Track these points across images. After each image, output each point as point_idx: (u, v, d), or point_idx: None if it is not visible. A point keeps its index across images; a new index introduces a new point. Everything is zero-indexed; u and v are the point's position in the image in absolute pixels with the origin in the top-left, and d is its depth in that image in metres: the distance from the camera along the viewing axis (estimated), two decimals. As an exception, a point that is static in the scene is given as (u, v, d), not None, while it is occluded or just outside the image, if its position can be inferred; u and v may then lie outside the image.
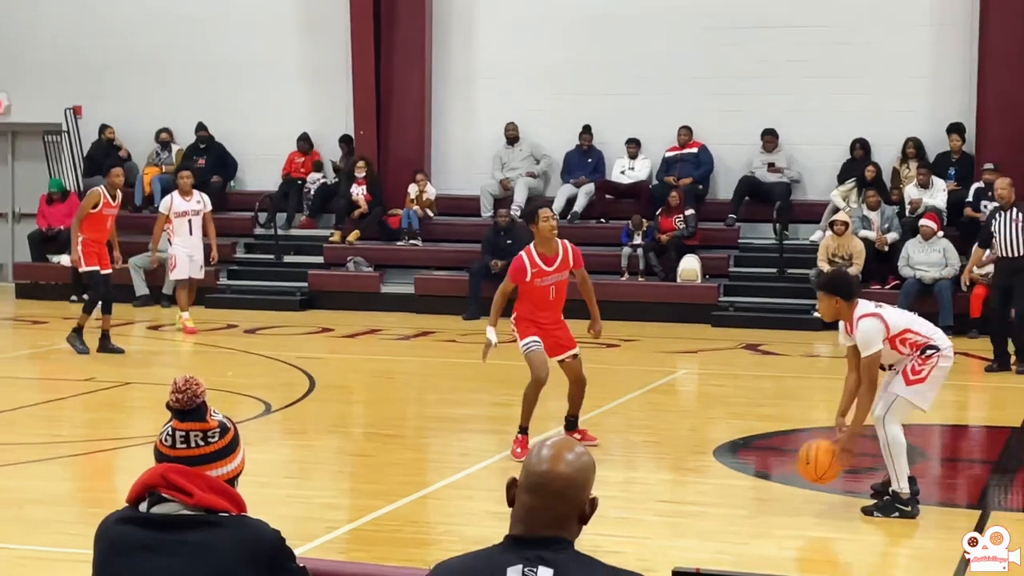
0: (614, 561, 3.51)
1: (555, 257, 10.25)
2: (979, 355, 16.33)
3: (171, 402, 3.82)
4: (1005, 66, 19.69)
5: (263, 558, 3.71)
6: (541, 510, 3.46)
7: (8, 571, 7.48)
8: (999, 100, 19.77)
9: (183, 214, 17.73)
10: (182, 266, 17.82)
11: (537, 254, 10.20)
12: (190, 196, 17.84)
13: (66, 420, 12.35)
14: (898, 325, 8.66)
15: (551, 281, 10.24)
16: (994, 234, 15.25)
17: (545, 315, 10.31)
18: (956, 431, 12.85)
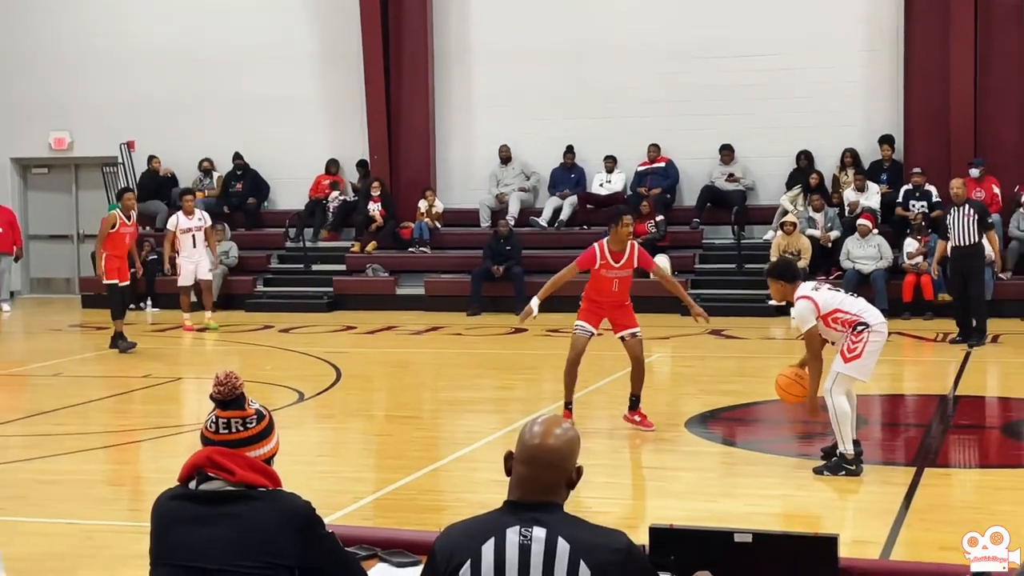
0: (600, 520, 3.52)
1: (622, 255, 10.25)
2: (913, 334, 16.37)
3: (214, 394, 3.83)
4: (928, 84, 19.72)
5: (296, 525, 3.71)
6: (534, 478, 3.46)
7: (80, 544, 7.47)
8: (923, 114, 19.81)
9: (187, 231, 18.01)
10: (186, 275, 18.06)
11: (609, 250, 10.22)
12: (192, 215, 18.04)
13: (128, 411, 12.35)
14: (828, 305, 8.56)
15: (615, 275, 10.27)
16: (948, 227, 15.24)
17: (607, 299, 10.37)
18: (894, 399, 12.84)
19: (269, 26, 22.34)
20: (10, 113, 23.56)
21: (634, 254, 10.29)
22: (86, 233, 23.00)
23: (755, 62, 20.44)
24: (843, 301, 8.65)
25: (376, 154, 21.88)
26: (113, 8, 23.00)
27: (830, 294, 8.74)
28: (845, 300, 8.69)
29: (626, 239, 10.23)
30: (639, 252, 10.37)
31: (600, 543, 3.38)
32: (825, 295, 8.68)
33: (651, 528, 3.99)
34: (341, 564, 3.81)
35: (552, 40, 21.18)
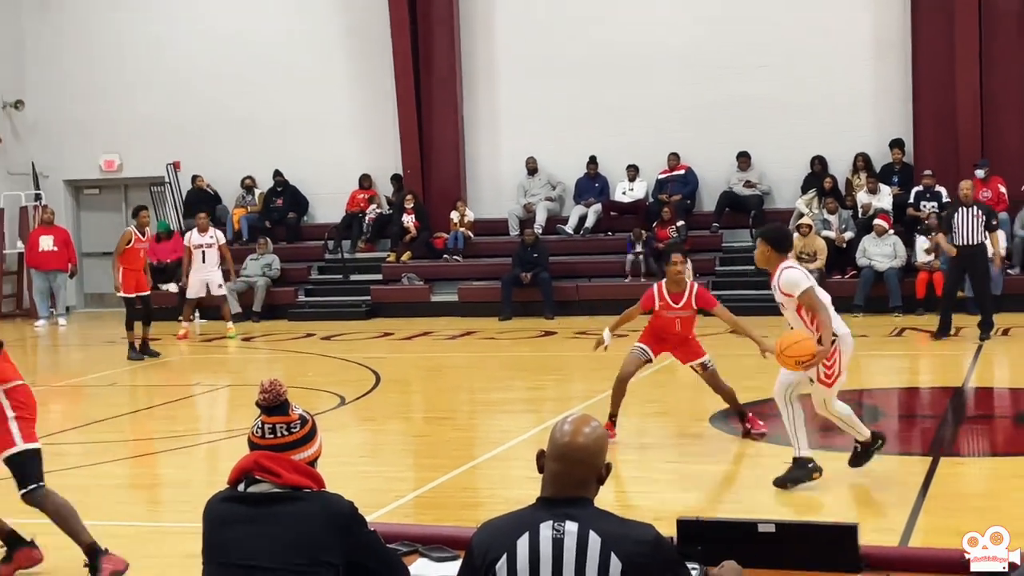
0: (629, 514, 3.52)
1: (681, 296, 9.87)
2: (928, 329, 16.27)
3: (259, 401, 3.85)
4: (935, 89, 19.63)
5: (341, 524, 3.73)
6: (565, 475, 3.47)
7: (139, 544, 7.51)
8: (932, 117, 19.72)
9: (198, 246, 18.25)
10: (193, 287, 18.47)
11: (667, 291, 9.91)
12: (205, 232, 18.26)
13: (179, 418, 12.40)
14: None
15: (675, 315, 9.91)
16: (954, 227, 15.14)
17: (669, 335, 10.04)
18: (910, 392, 12.79)
19: (305, 50, 22.42)
20: (63, 137, 23.73)
21: (692, 295, 9.92)
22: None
23: (769, 72, 20.41)
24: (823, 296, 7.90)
25: (409, 168, 21.93)
26: (159, 35, 23.13)
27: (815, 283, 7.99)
28: (825, 298, 7.93)
29: (677, 279, 9.85)
30: (698, 292, 9.98)
31: (630, 535, 3.38)
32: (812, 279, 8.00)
33: (678, 520, 3.98)
34: (383, 560, 3.82)
35: (574, 55, 21.19)
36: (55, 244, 21.48)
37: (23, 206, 23.49)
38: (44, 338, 20.57)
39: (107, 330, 17.29)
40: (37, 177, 23.81)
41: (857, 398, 12.27)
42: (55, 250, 21.42)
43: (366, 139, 22.47)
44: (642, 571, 3.34)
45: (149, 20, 23.25)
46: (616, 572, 3.33)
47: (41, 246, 21.48)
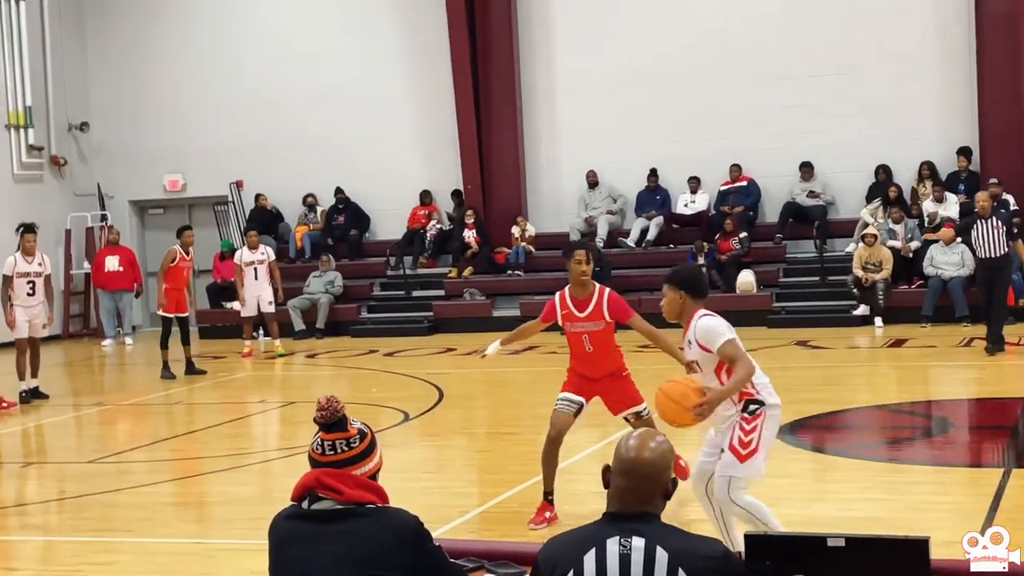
0: (695, 529, 3.50)
1: (587, 302, 8.07)
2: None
3: (317, 418, 3.86)
4: (1001, 95, 19.39)
5: (406, 539, 3.72)
6: (631, 490, 3.45)
7: (204, 562, 7.57)
8: (998, 124, 19.47)
9: (249, 263, 18.31)
10: (249, 306, 18.41)
11: (569, 296, 8.14)
12: (256, 249, 18.35)
13: (244, 435, 12.49)
14: None
15: (581, 329, 8.06)
16: (975, 240, 14.89)
17: (587, 368, 8.21)
18: (979, 403, 12.61)
19: (366, 67, 22.56)
20: (128, 159, 24.03)
21: (603, 302, 8.09)
22: (200, 269, 23.35)
23: (831, 80, 20.27)
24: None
25: (470, 184, 21.99)
26: (221, 57, 23.38)
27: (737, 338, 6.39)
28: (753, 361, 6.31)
29: (580, 279, 8.02)
30: (610, 300, 8.12)
31: (698, 551, 3.36)
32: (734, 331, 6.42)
33: (746, 535, 3.94)
34: (449, 574, 3.82)
35: (633, 67, 21.14)
36: (121, 264, 21.74)
37: (89, 227, 23.81)
38: (111, 357, 20.82)
39: (171, 349, 17.42)
40: (103, 198, 24.14)
41: (926, 410, 12.14)
42: (121, 270, 21.68)
43: (427, 155, 22.56)
44: (710, 587, 3.32)
45: (211, 42, 23.50)
46: (684, 588, 3.30)
47: (107, 266, 21.75)
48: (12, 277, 14.55)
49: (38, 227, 15.34)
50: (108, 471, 10.63)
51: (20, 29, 22.61)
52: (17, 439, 12.97)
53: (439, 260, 22.09)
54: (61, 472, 10.98)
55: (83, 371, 19.61)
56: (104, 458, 11.30)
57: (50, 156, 23.59)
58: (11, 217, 17.64)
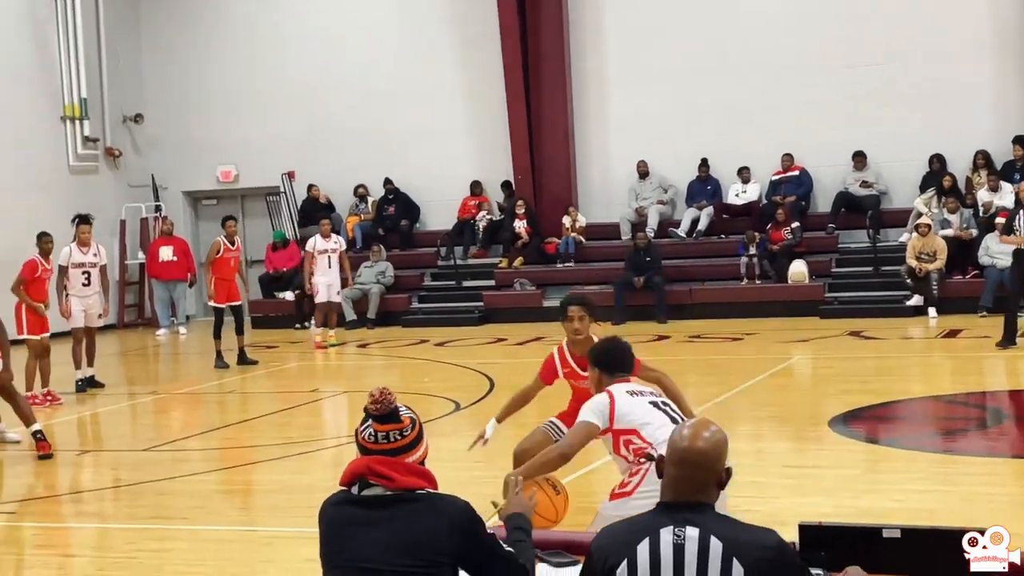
0: (749, 519, 3.47)
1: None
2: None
3: (371, 410, 3.87)
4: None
5: (458, 525, 3.73)
6: (685, 480, 3.44)
7: (257, 550, 7.62)
8: (1054, 113, 19.22)
9: (323, 252, 18.28)
10: (321, 293, 18.39)
11: (570, 354, 7.42)
12: (329, 238, 18.40)
13: (297, 424, 12.55)
14: (630, 420, 5.78)
15: (587, 385, 6.63)
16: (1016, 230, 14.66)
17: None
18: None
19: (416, 58, 22.59)
20: (182, 150, 24.22)
21: None
22: (253, 259, 23.51)
23: (884, 69, 20.08)
24: (651, 424, 5.79)
25: (520, 174, 21.97)
26: (272, 48, 23.50)
27: (643, 409, 5.86)
28: (654, 423, 5.79)
29: (575, 337, 7.32)
30: None
31: (752, 541, 3.34)
32: (634, 406, 5.85)
33: (801, 525, 3.92)
34: (501, 561, 3.82)
35: (684, 57, 21.05)
36: (175, 254, 21.91)
37: (143, 217, 24.03)
38: (165, 347, 21.01)
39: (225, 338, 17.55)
40: (157, 189, 24.34)
41: (981, 400, 12.02)
42: (175, 260, 21.85)
43: (477, 146, 22.57)
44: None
45: (264, 33, 23.62)
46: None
47: (161, 256, 21.94)
48: (68, 268, 14.70)
49: (93, 218, 15.50)
50: (162, 459, 10.73)
51: (75, 22, 22.82)
52: (73, 427, 13.11)
53: (490, 250, 22.10)
54: (116, 460, 11.09)
55: (138, 360, 19.80)
56: (158, 446, 11.41)
57: (105, 148, 23.81)
58: (67, 208, 17.81)
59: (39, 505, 9.46)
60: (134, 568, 7.26)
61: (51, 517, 9.03)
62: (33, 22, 22.39)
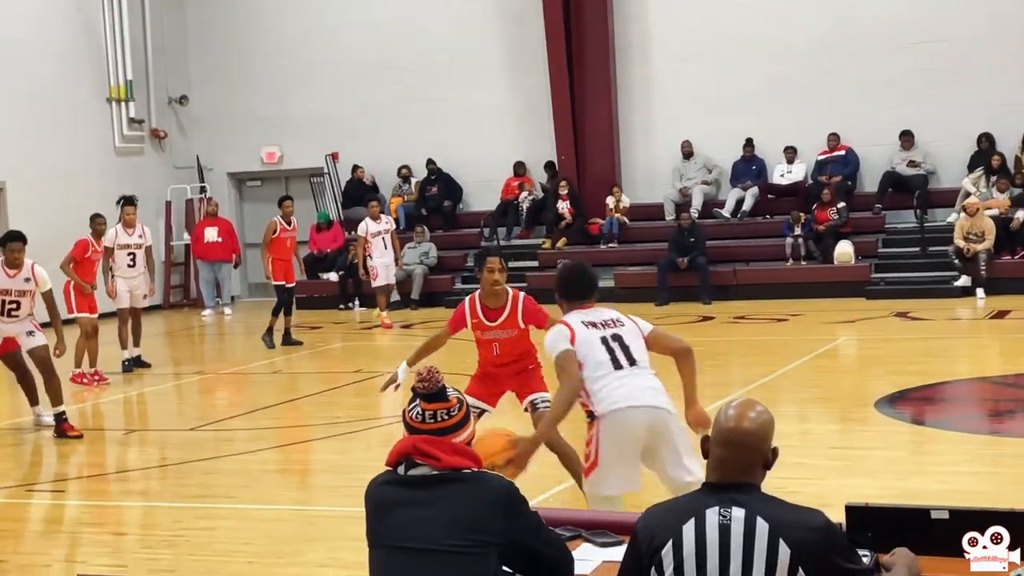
0: (795, 500, 3.46)
1: (500, 312, 7.57)
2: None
3: (418, 388, 3.89)
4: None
5: (502, 504, 3.74)
6: (731, 460, 3.43)
7: (302, 528, 7.67)
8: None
9: (377, 234, 18.27)
10: (381, 275, 18.35)
11: (480, 306, 7.61)
12: (379, 220, 18.36)
13: (342, 404, 12.61)
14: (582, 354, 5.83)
15: (493, 337, 7.58)
16: None
17: (498, 368, 7.76)
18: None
19: (458, 38, 22.57)
20: (227, 131, 24.33)
21: (516, 311, 7.55)
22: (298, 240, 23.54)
23: (932, 47, 19.86)
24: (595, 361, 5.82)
25: (563, 154, 21.94)
26: (316, 30, 23.54)
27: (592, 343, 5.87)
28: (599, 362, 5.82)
29: (493, 288, 7.52)
30: (525, 307, 7.57)
31: (799, 522, 3.33)
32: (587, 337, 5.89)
33: (847, 506, 3.90)
34: (546, 541, 3.82)
35: (728, 36, 20.93)
36: (220, 235, 22.05)
37: (189, 199, 24.19)
38: (210, 327, 21.15)
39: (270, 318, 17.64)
40: (202, 170, 24.49)
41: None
42: (220, 241, 21.98)
43: (520, 126, 22.54)
44: (812, 558, 3.28)
45: (307, 15, 23.67)
46: (785, 558, 3.28)
47: (206, 237, 22.07)
48: (113, 249, 14.83)
49: (138, 199, 15.62)
50: (208, 439, 10.82)
51: (121, 5, 22.95)
52: (120, 407, 13.24)
53: (533, 231, 22.09)
54: (163, 440, 11.19)
55: (183, 340, 19.95)
56: (205, 426, 11.50)
57: (151, 129, 23.96)
58: (113, 190, 17.94)
59: (87, 484, 9.56)
60: (181, 546, 7.33)
61: (99, 496, 9.13)
62: (79, 5, 22.54)
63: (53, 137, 21.48)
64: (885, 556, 3.71)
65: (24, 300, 10.94)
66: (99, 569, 7.01)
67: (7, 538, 7.86)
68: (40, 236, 17.93)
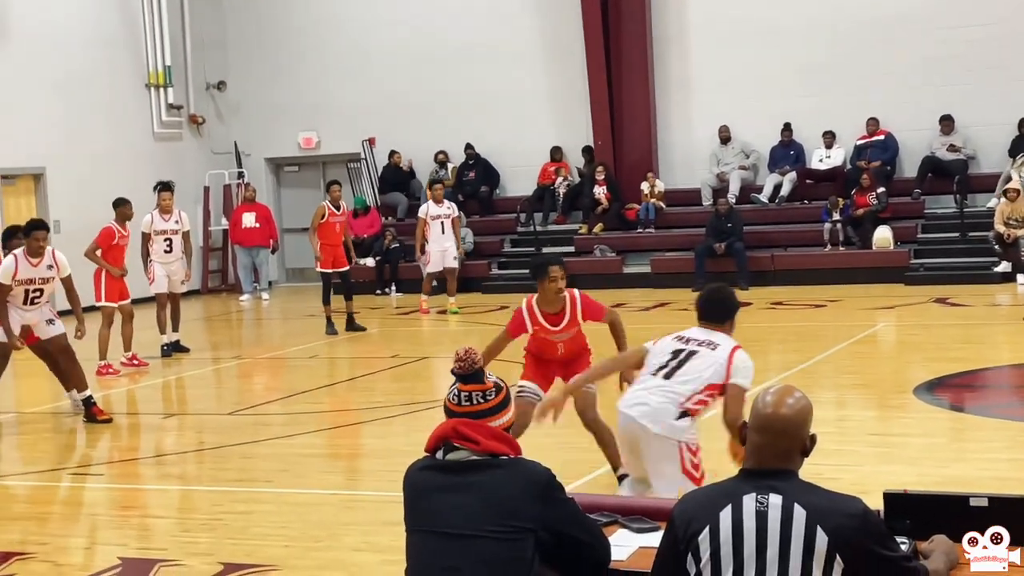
0: (832, 487, 3.44)
1: (560, 317, 7.78)
2: None
3: (455, 369, 3.91)
4: None
5: (539, 491, 3.75)
6: (768, 447, 3.42)
7: (340, 513, 7.70)
8: None
9: (436, 218, 18.14)
10: (435, 260, 18.26)
11: (540, 312, 7.79)
12: (442, 204, 18.26)
13: (379, 389, 12.65)
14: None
15: (558, 339, 7.89)
16: None
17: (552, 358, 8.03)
18: None
19: (496, 24, 22.52)
20: (265, 117, 24.41)
21: (576, 312, 7.78)
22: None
23: (973, 32, 19.66)
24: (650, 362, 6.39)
25: (600, 139, 21.88)
26: (354, 15, 23.54)
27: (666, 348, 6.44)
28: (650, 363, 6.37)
29: (556, 297, 7.71)
30: (583, 305, 7.80)
31: (836, 508, 3.32)
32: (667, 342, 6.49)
33: (886, 493, 3.88)
34: (582, 527, 3.83)
35: (766, 19, 20.79)
36: (257, 221, 22.13)
37: (226, 184, 24.29)
38: (248, 312, 21.25)
39: (308, 303, 17.73)
40: (239, 156, 24.58)
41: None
42: (257, 226, 22.07)
43: (557, 111, 22.50)
44: (849, 545, 3.27)
45: (344, 2, 23.68)
46: (823, 545, 3.26)
47: (244, 223, 22.16)
48: (150, 235, 14.90)
49: (174, 184, 15.68)
50: (246, 423, 10.87)
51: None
52: (159, 391, 13.33)
53: (569, 216, 22.06)
54: (200, 424, 11.26)
55: (221, 325, 20.05)
56: (242, 410, 11.56)
57: (189, 115, 24.07)
58: (152, 175, 18.02)
59: (126, 467, 9.64)
60: (219, 529, 7.37)
61: (138, 479, 9.20)
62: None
63: (92, 123, 21.61)
64: (923, 543, 3.69)
65: (47, 287, 11.00)
66: (139, 552, 7.07)
67: (47, 521, 7.94)
68: (79, 221, 18.17)
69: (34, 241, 10.91)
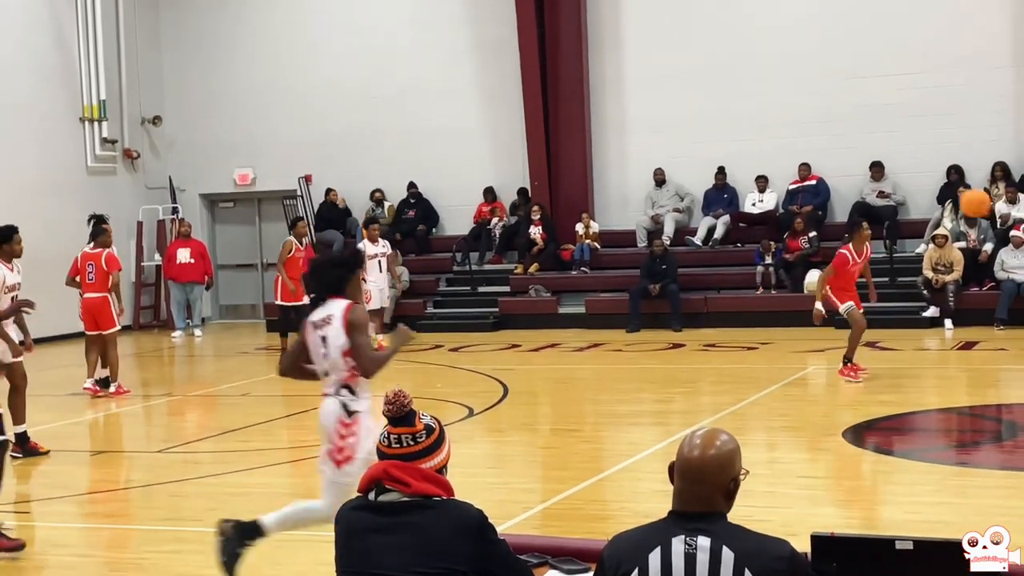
0: (762, 528, 3.47)
1: (862, 253, 13.52)
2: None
3: (384, 412, 3.90)
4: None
5: (471, 532, 3.74)
6: (689, 491, 3.44)
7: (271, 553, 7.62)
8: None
9: (373, 256, 18.14)
10: (375, 298, 18.21)
11: (854, 250, 13.38)
12: (377, 243, 18.33)
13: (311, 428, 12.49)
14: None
15: (857, 269, 13.53)
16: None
17: (852, 289, 13.54)
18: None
19: (435, 64, 22.61)
20: (199, 153, 24.30)
21: (868, 250, 13.74)
22: (269, 262, 23.54)
23: (903, 80, 20.02)
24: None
25: (536, 180, 21.98)
26: (290, 52, 23.54)
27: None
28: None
29: (866, 239, 13.68)
30: (869, 247, 13.76)
31: (764, 551, 3.33)
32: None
33: (813, 536, 3.90)
34: (513, 568, 3.82)
35: (702, 65, 21.04)
36: (192, 256, 21.97)
37: (161, 219, 24.10)
38: (181, 348, 21.05)
39: (241, 340, 17.62)
40: (174, 191, 24.41)
41: (996, 413, 11.98)
42: (192, 262, 21.91)
43: (494, 151, 22.59)
44: (777, 587, 3.29)
45: (283, 37, 23.68)
46: (750, 588, 3.28)
47: (178, 259, 21.99)
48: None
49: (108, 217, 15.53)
50: (176, 461, 10.76)
51: (96, 24, 22.90)
52: (87, 428, 13.15)
53: (505, 256, 22.11)
54: (130, 461, 11.12)
55: (153, 362, 19.84)
56: (172, 448, 11.43)
57: (123, 149, 23.89)
58: (85, 209, 17.82)
59: (53, 505, 9.48)
60: (147, 570, 7.28)
61: (65, 517, 9.05)
62: (53, 23, 22.48)
63: (26, 155, 21.38)
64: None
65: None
66: (63, 592, 6.95)
67: (-30, 559, 7.78)
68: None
69: (16, 245, 10.71)
